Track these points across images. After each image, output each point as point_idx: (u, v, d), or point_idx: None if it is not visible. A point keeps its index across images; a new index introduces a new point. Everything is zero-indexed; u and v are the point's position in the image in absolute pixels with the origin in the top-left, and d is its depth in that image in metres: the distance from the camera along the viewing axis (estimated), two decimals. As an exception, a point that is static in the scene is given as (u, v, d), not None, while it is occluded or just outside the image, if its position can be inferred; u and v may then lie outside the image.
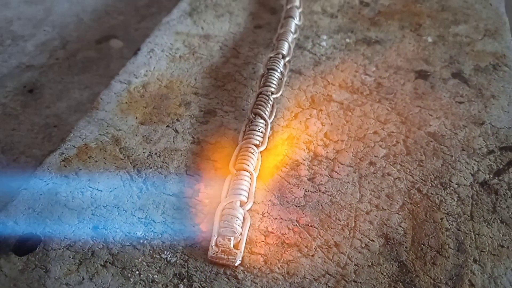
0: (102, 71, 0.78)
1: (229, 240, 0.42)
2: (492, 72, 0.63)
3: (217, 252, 0.41)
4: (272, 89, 0.55)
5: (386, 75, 0.63)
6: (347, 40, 0.70)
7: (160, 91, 0.61)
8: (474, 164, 0.51)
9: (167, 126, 0.56)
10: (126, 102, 0.59)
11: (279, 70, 0.57)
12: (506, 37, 0.70)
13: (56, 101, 0.71)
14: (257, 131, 0.50)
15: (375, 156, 0.52)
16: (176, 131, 0.56)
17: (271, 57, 0.59)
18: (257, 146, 0.50)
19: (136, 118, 0.57)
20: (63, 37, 0.85)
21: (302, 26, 0.73)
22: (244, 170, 0.47)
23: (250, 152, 0.48)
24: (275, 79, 0.56)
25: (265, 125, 0.52)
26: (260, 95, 0.54)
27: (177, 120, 0.57)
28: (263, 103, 0.53)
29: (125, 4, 0.94)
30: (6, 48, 0.82)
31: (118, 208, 0.47)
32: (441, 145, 0.53)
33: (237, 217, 0.42)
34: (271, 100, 0.54)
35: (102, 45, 0.83)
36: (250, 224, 0.44)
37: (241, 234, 0.43)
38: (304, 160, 0.52)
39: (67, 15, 0.90)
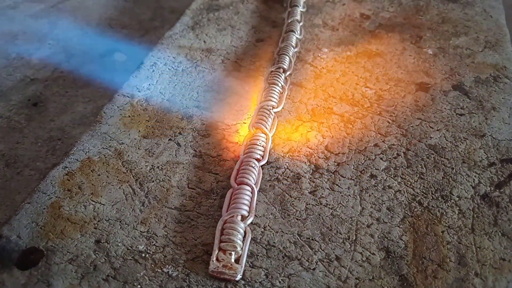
0: (106, 84, 0.78)
1: (230, 254, 0.42)
2: (493, 84, 0.64)
3: (218, 266, 0.42)
4: (273, 103, 0.55)
5: (386, 87, 0.64)
6: (348, 52, 0.71)
7: (162, 104, 0.62)
8: (475, 176, 0.51)
9: (169, 139, 0.57)
10: (129, 116, 0.60)
11: (280, 84, 0.58)
12: (506, 49, 0.71)
13: (60, 114, 0.72)
14: (258, 145, 0.51)
15: (376, 169, 0.52)
16: (178, 144, 0.56)
17: (272, 71, 0.59)
18: (258, 160, 0.50)
19: (139, 131, 0.58)
20: (68, 50, 0.86)
21: (303, 39, 0.73)
22: (245, 184, 0.47)
23: (251, 166, 0.48)
24: (276, 93, 0.56)
25: (266, 139, 0.52)
26: (261, 109, 0.54)
27: (179, 133, 0.58)
28: (264, 117, 0.53)
29: (129, 17, 0.95)
30: (11, 62, 0.83)
31: (120, 221, 0.47)
32: (442, 157, 0.53)
33: (238, 232, 0.43)
34: (272, 114, 0.54)
35: (106, 59, 0.84)
36: (251, 238, 0.45)
37: (242, 248, 0.43)
38: (305, 173, 0.52)
39: (72, 29, 0.92)
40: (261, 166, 0.51)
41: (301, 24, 0.73)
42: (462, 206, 0.48)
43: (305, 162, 0.53)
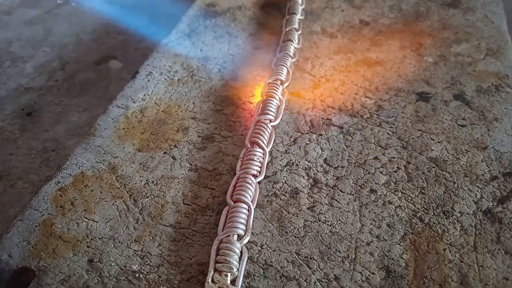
0: (101, 93, 0.77)
1: (226, 276, 0.41)
2: (495, 93, 0.63)
3: (213, 288, 0.40)
4: (270, 117, 0.54)
5: (386, 97, 0.62)
6: (347, 61, 0.69)
7: (158, 116, 0.61)
8: (477, 191, 0.50)
9: (165, 152, 0.56)
10: (124, 128, 0.59)
11: (277, 97, 0.56)
12: (508, 56, 0.70)
13: (54, 124, 0.71)
14: (255, 160, 0.50)
15: (375, 183, 0.51)
16: (173, 158, 0.55)
17: (269, 83, 0.58)
18: (255, 176, 0.49)
19: (133, 144, 0.57)
20: (62, 58, 0.85)
21: (302, 47, 0.72)
22: (241, 201, 0.46)
23: (248, 183, 0.47)
24: (273, 106, 0.55)
25: (263, 154, 0.51)
26: (258, 123, 0.53)
27: (175, 146, 0.56)
28: (261, 132, 0.52)
29: (125, 23, 0.94)
30: (5, 70, 0.82)
31: (114, 240, 0.46)
32: (443, 171, 0.52)
33: (234, 252, 0.42)
34: (269, 128, 0.53)
35: (101, 66, 0.83)
36: (248, 258, 0.43)
37: (238, 269, 0.42)
38: (303, 187, 0.51)
39: (67, 36, 0.90)
40: (258, 182, 0.50)
41: (299, 32, 0.72)
42: (464, 223, 0.47)
43: (304, 176, 0.52)
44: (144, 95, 0.64)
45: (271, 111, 0.55)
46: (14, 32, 0.91)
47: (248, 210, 0.46)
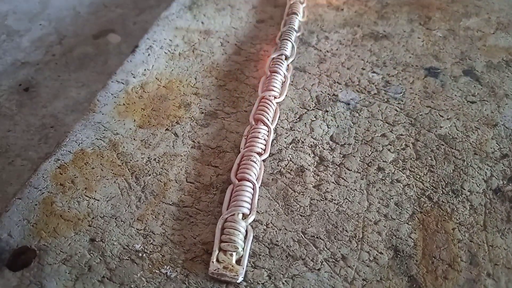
0: (100, 67, 0.75)
1: (231, 255, 0.40)
2: (505, 69, 0.61)
3: (218, 268, 0.40)
4: (275, 93, 0.53)
5: (394, 72, 0.61)
6: (354, 35, 0.67)
7: (159, 91, 0.59)
8: (487, 169, 0.49)
9: (167, 129, 0.54)
10: (124, 104, 0.57)
11: (282, 73, 0.55)
12: (519, 31, 0.68)
13: (52, 100, 0.69)
14: (259, 138, 0.48)
15: (383, 161, 0.50)
16: (175, 134, 0.53)
17: (274, 58, 0.56)
18: (259, 154, 0.48)
19: (134, 121, 0.55)
20: (60, 31, 0.82)
21: (307, 20, 0.70)
22: (246, 180, 0.45)
23: (252, 161, 0.46)
24: (278, 82, 0.53)
25: (268, 131, 0.50)
26: (262, 100, 0.52)
27: (177, 122, 0.55)
28: (266, 108, 0.50)
29: (123, -5, 0.91)
30: (1, 44, 0.79)
31: (116, 218, 0.45)
32: (452, 148, 0.51)
33: (240, 231, 0.41)
34: (273, 105, 0.52)
35: (100, 40, 0.80)
36: (253, 237, 0.43)
37: (243, 249, 0.41)
38: (309, 165, 0.50)
39: (64, 9, 0.88)
40: (263, 160, 0.49)
41: (304, 5, 0.69)
42: (473, 202, 0.46)
43: (309, 154, 0.51)
44: (145, 69, 0.62)
45: (276, 87, 0.53)
46: (9, 5, 0.89)
47: (253, 189, 0.45)
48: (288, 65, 0.58)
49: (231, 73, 0.61)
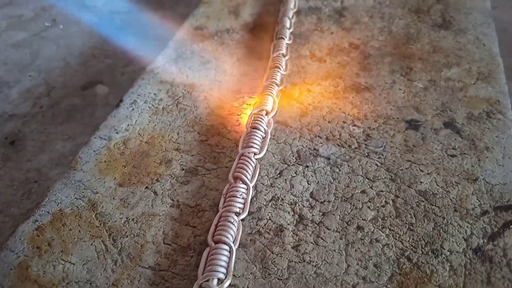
0: (87, 119, 0.76)
1: (204, 325, 0.39)
2: (486, 120, 0.61)
3: None
4: (255, 150, 0.53)
5: (375, 125, 0.61)
6: (335, 87, 0.68)
7: (140, 147, 0.59)
8: (467, 227, 0.48)
9: (146, 187, 0.54)
10: (105, 161, 0.57)
11: (262, 129, 0.55)
12: (500, 81, 0.68)
13: (37, 153, 0.69)
14: (237, 197, 0.48)
15: (363, 219, 0.50)
16: (155, 193, 0.53)
17: (254, 114, 0.57)
18: (237, 213, 0.47)
19: (115, 179, 0.55)
20: (49, 83, 0.83)
21: (290, 73, 0.71)
22: (222, 242, 0.44)
23: (230, 222, 0.46)
24: (258, 139, 0.54)
25: (247, 189, 0.50)
26: (242, 157, 0.52)
27: (157, 180, 0.55)
28: (245, 166, 0.51)
29: (113, 46, 0.93)
30: (-10, 96, 0.80)
31: (90, 283, 0.45)
32: (432, 205, 0.51)
33: (213, 300, 0.40)
34: (253, 162, 0.52)
35: (88, 91, 0.81)
36: (228, 304, 0.42)
37: (217, 318, 0.40)
38: (288, 224, 0.50)
39: (54, 59, 0.89)
40: (241, 219, 0.48)
41: (287, 57, 0.70)
42: (453, 262, 0.45)
43: (289, 212, 0.51)
44: (128, 125, 0.62)
45: (256, 143, 0.54)
46: (0, 55, 0.90)
47: (229, 252, 0.44)
48: (269, 120, 0.59)
49: (213, 127, 0.62)
